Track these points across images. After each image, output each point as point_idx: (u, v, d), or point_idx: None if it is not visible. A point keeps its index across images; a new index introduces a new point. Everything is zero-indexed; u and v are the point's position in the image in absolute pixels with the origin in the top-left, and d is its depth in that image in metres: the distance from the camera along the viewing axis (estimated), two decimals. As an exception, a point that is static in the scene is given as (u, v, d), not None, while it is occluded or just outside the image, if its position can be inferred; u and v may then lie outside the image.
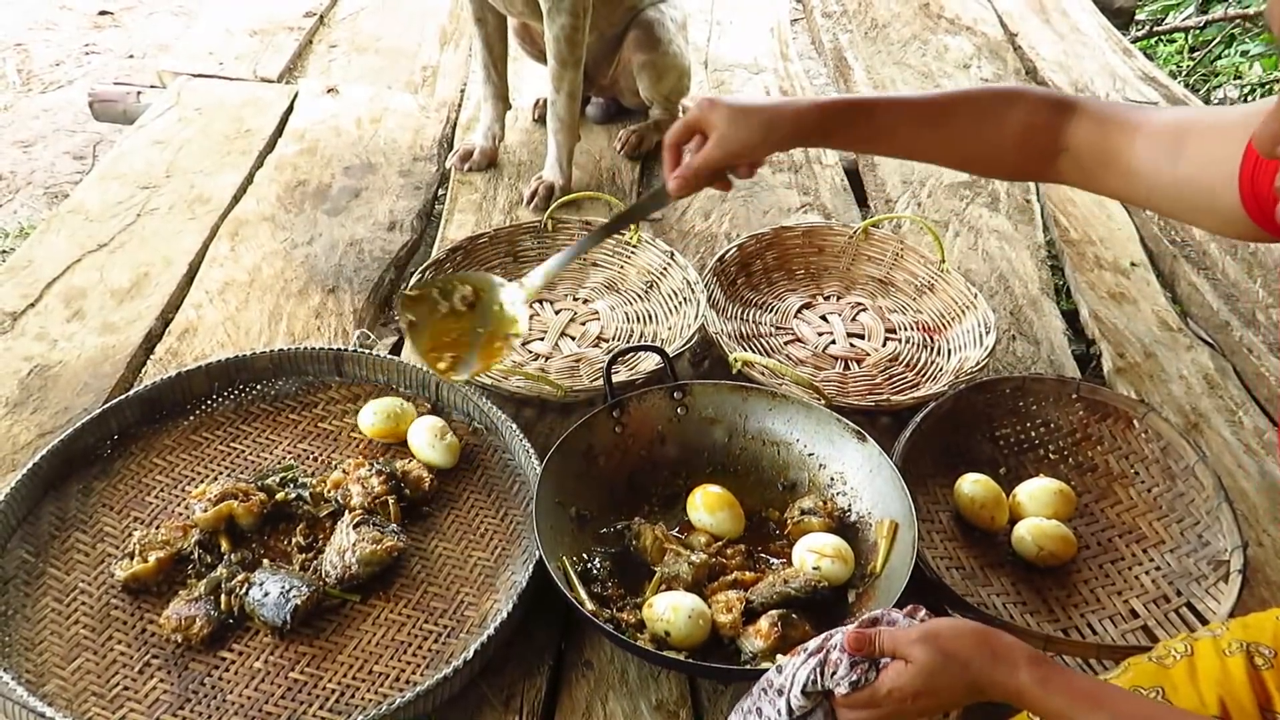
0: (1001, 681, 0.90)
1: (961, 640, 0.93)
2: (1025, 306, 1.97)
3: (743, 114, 1.14)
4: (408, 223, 2.09)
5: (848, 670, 0.95)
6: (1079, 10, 3.38)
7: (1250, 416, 1.75)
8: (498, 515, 1.44)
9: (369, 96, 2.53)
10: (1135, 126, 1.07)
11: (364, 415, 1.52)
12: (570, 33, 2.01)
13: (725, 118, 1.14)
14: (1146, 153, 1.05)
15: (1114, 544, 1.47)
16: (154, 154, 2.25)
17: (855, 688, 0.94)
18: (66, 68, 3.66)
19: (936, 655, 0.92)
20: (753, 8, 3.25)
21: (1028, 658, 0.90)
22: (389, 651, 1.25)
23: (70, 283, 1.86)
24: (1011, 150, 1.15)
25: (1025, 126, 1.13)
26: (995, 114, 1.15)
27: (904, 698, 0.92)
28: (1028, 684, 0.89)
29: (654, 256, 1.90)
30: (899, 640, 0.94)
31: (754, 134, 1.14)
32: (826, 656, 0.97)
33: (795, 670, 0.98)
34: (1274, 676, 0.96)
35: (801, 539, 1.35)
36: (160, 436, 1.50)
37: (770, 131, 1.14)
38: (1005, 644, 0.92)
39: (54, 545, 1.34)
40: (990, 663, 0.91)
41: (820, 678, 0.96)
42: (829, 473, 1.46)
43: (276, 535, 1.37)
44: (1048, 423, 1.60)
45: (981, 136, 1.16)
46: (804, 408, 1.49)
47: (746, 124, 1.14)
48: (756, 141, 1.15)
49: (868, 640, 0.95)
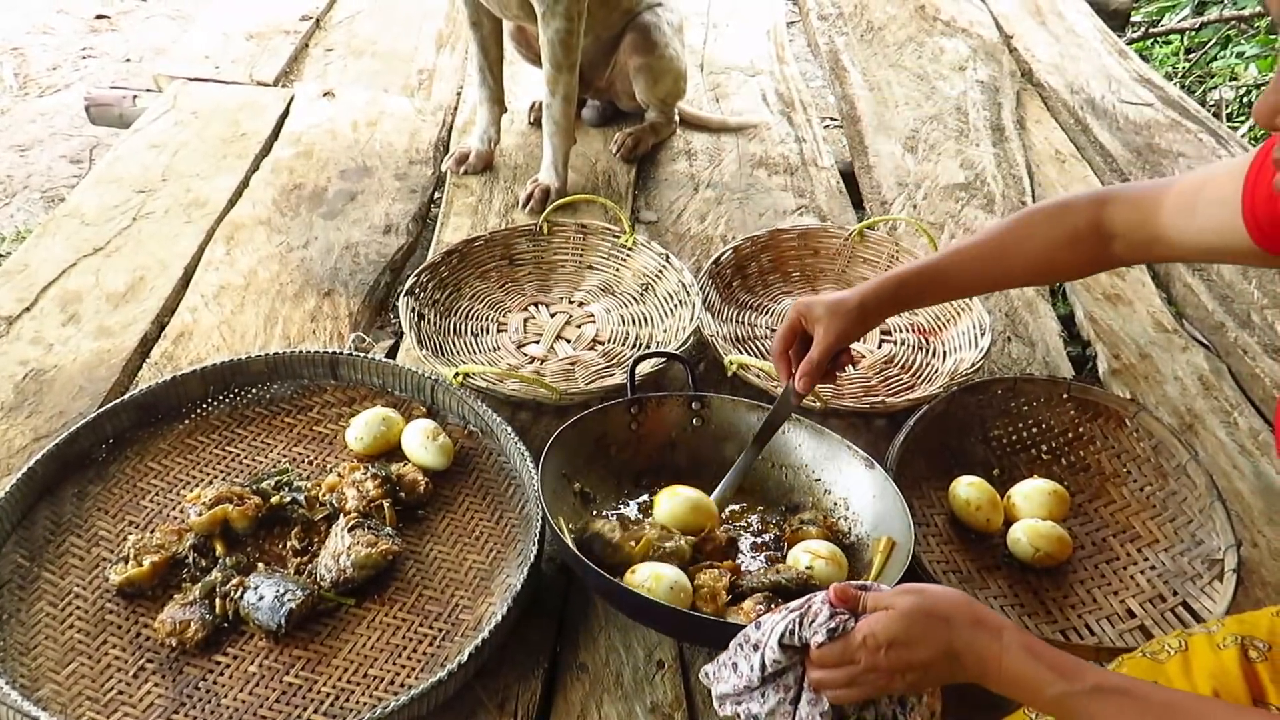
0: (982, 646, 0.90)
1: (947, 597, 0.94)
2: (1021, 308, 1.97)
3: (839, 305, 1.28)
4: (403, 226, 2.09)
5: (827, 619, 0.93)
6: (1075, 12, 3.38)
7: (1245, 417, 1.75)
8: (493, 518, 1.44)
9: (365, 100, 2.53)
10: (1158, 198, 1.16)
11: (350, 434, 1.50)
12: (565, 36, 2.02)
13: (826, 311, 1.28)
14: (1170, 219, 1.15)
15: (1109, 544, 1.47)
16: (150, 158, 2.25)
17: (832, 635, 0.93)
18: (63, 71, 3.66)
19: (919, 604, 0.92)
20: (749, 10, 3.26)
21: (1011, 626, 0.91)
22: (384, 655, 1.24)
23: (66, 287, 1.86)
24: (1067, 255, 1.25)
25: (1071, 232, 1.23)
26: (1043, 232, 1.25)
27: (878, 646, 0.91)
28: (1011, 648, 0.89)
29: (650, 259, 1.90)
30: (882, 595, 0.95)
31: (853, 317, 1.28)
32: (808, 608, 0.95)
33: (774, 624, 0.96)
34: (1268, 669, 0.96)
35: (799, 544, 1.35)
36: (155, 440, 1.50)
37: (864, 314, 1.28)
38: (990, 612, 0.93)
39: (49, 549, 1.33)
40: (972, 625, 0.91)
41: (798, 628, 0.94)
42: (834, 497, 1.46)
43: (271, 539, 1.37)
44: (1040, 423, 1.60)
45: (1037, 256, 1.26)
46: (815, 433, 1.49)
47: (845, 312, 1.28)
48: (856, 324, 1.28)
49: (853, 595, 0.95)
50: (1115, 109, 2.76)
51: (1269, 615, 1.03)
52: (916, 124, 2.63)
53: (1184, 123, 2.69)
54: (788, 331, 1.32)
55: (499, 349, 1.74)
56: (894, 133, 2.58)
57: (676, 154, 2.43)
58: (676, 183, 2.32)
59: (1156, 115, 2.73)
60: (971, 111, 2.69)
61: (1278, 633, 1.00)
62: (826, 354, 1.29)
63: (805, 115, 2.65)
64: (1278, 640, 0.99)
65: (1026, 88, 2.90)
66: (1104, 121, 2.69)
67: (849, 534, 1.41)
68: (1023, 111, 2.76)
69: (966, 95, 2.78)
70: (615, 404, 1.47)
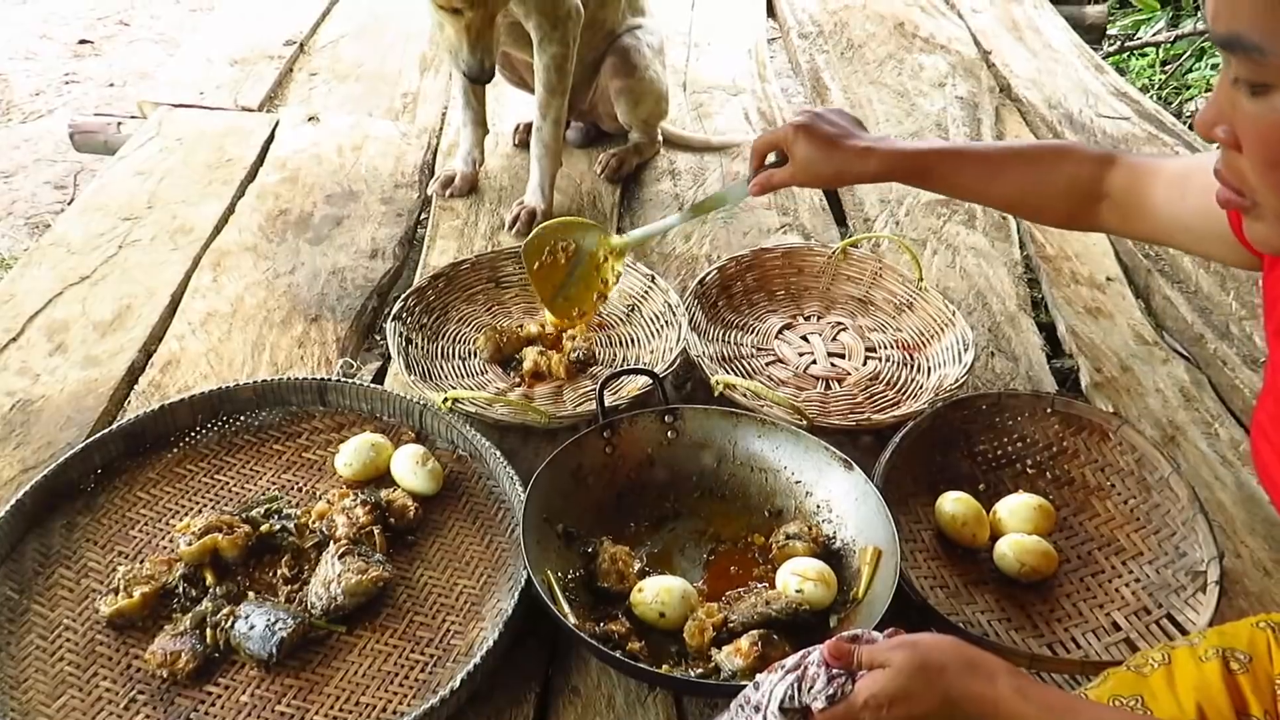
0: (978, 691, 0.91)
1: (939, 647, 0.95)
2: (1003, 323, 1.99)
3: (824, 150, 1.29)
4: (390, 250, 2.10)
5: (825, 684, 0.95)
6: (1051, 28, 3.43)
7: (1226, 428, 1.77)
8: (483, 543, 1.44)
9: (350, 124, 2.54)
10: (1157, 170, 1.18)
11: (339, 461, 1.50)
12: (561, 61, 2.04)
13: (806, 148, 1.30)
14: (1164, 192, 1.16)
15: (1094, 557, 1.48)
16: (135, 185, 2.25)
17: (832, 701, 0.94)
18: (47, 97, 3.66)
19: (914, 658, 0.93)
20: (730, 29, 3.28)
21: (1005, 669, 0.92)
22: (376, 682, 1.25)
23: (52, 316, 1.86)
24: (1059, 198, 1.27)
25: (1071, 177, 1.25)
26: (1046, 165, 1.27)
27: (879, 704, 0.92)
28: (1005, 693, 0.90)
29: (635, 280, 1.91)
30: (877, 650, 0.96)
31: (828, 169, 1.30)
32: (804, 672, 0.97)
33: (773, 686, 0.98)
34: (1249, 681, 0.97)
35: (786, 563, 1.36)
36: (144, 470, 1.50)
37: (844, 172, 1.30)
38: (983, 656, 0.94)
39: (38, 582, 1.33)
40: (967, 671, 0.92)
41: (798, 693, 0.96)
42: (815, 500, 1.47)
43: (262, 567, 1.37)
44: (1024, 438, 1.61)
45: (1033, 184, 1.29)
46: (792, 435, 1.50)
47: (825, 160, 1.29)
48: (829, 176, 1.31)
49: (847, 651, 0.96)
50: (1093, 123, 2.79)
51: (1249, 626, 1.04)
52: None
53: (1160, 135, 2.73)
54: (768, 142, 1.39)
55: (486, 372, 1.75)
56: (875, 150, 2.60)
57: (660, 174, 2.44)
58: (661, 203, 2.33)
59: (1133, 128, 2.77)
60: (951, 127, 2.72)
61: (1258, 644, 1.01)
62: (781, 182, 1.37)
63: (788, 133, 2.67)
64: (1258, 651, 1.00)
65: (1005, 103, 2.94)
66: (1082, 135, 2.73)
67: (834, 538, 1.43)
68: (1002, 126, 2.79)
69: (946, 111, 2.81)
70: (589, 432, 1.48)
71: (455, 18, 1.78)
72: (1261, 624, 1.03)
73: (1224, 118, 0.77)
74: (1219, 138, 0.78)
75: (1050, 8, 3.61)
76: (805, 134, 1.32)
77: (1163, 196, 1.16)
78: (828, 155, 1.31)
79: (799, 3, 3.51)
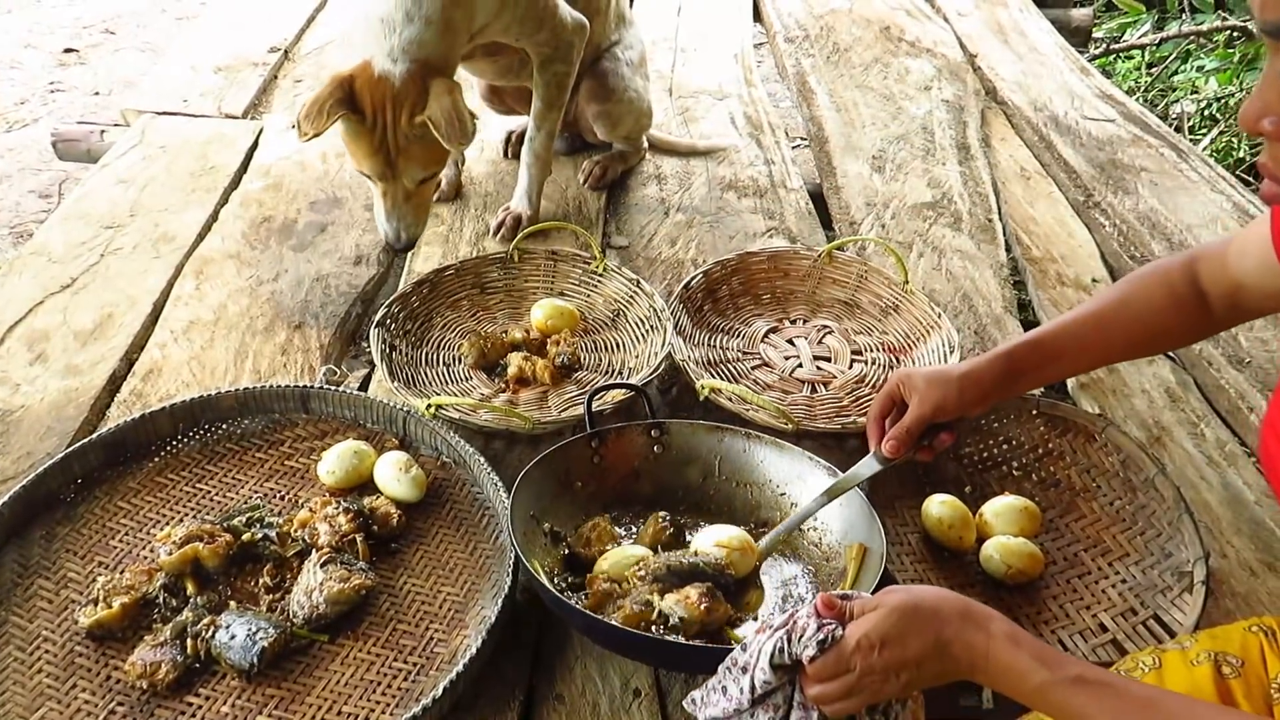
0: (970, 635, 0.91)
1: (933, 592, 0.95)
2: (989, 325, 1.99)
3: (938, 376, 1.27)
4: (374, 256, 2.09)
5: (815, 631, 0.94)
6: (1037, 31, 3.44)
7: (1211, 429, 1.77)
8: (467, 550, 1.43)
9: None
10: (1230, 241, 1.17)
11: (322, 468, 1.49)
12: (563, 79, 2.04)
13: (924, 381, 1.26)
14: (1236, 260, 1.16)
15: (1080, 558, 1.48)
16: (118, 193, 2.24)
17: (822, 647, 0.93)
18: (31, 106, 3.65)
19: (907, 599, 0.93)
20: (717, 34, 3.29)
21: (998, 616, 0.92)
22: (358, 691, 1.24)
23: (33, 325, 1.84)
24: (1173, 320, 1.24)
25: (1170, 294, 1.22)
26: (1143, 297, 1.24)
27: (871, 645, 0.91)
28: (997, 637, 0.90)
29: (620, 285, 1.91)
30: (868, 599, 0.95)
31: (950, 392, 1.25)
32: (793, 625, 0.96)
33: (761, 645, 0.97)
34: (1241, 686, 0.97)
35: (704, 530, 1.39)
36: (124, 479, 1.49)
37: (964, 390, 1.26)
38: (975, 604, 0.94)
39: (16, 593, 1.32)
40: (960, 616, 0.92)
41: (787, 645, 0.95)
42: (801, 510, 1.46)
43: (244, 576, 1.36)
44: (1010, 440, 1.61)
45: (1142, 324, 1.25)
46: (778, 449, 1.49)
47: (943, 385, 1.26)
48: (953, 399, 1.26)
49: (839, 604, 0.96)
50: (1078, 125, 2.80)
51: (1240, 630, 1.04)
52: (883, 144, 2.66)
53: (1145, 138, 2.74)
54: (884, 399, 1.32)
55: (471, 379, 1.74)
56: (861, 153, 2.61)
57: (647, 179, 2.44)
58: (647, 207, 2.33)
59: (1119, 131, 2.78)
60: (937, 131, 2.73)
61: (1250, 648, 1.00)
62: (919, 422, 1.27)
63: (774, 137, 2.67)
64: (1250, 656, 0.99)
65: (991, 106, 2.94)
66: (1068, 138, 2.73)
67: (820, 544, 1.42)
68: (988, 130, 2.79)
69: (932, 115, 2.81)
70: (576, 439, 1.47)
71: (379, 184, 1.76)
72: (1254, 628, 1.03)
73: (1270, 109, 0.75)
74: (1265, 130, 0.76)
75: (1036, 11, 3.63)
76: (913, 374, 1.29)
77: (1236, 265, 1.15)
78: (944, 381, 1.26)
79: (785, 7, 3.51)
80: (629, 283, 1.89)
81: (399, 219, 1.77)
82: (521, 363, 1.71)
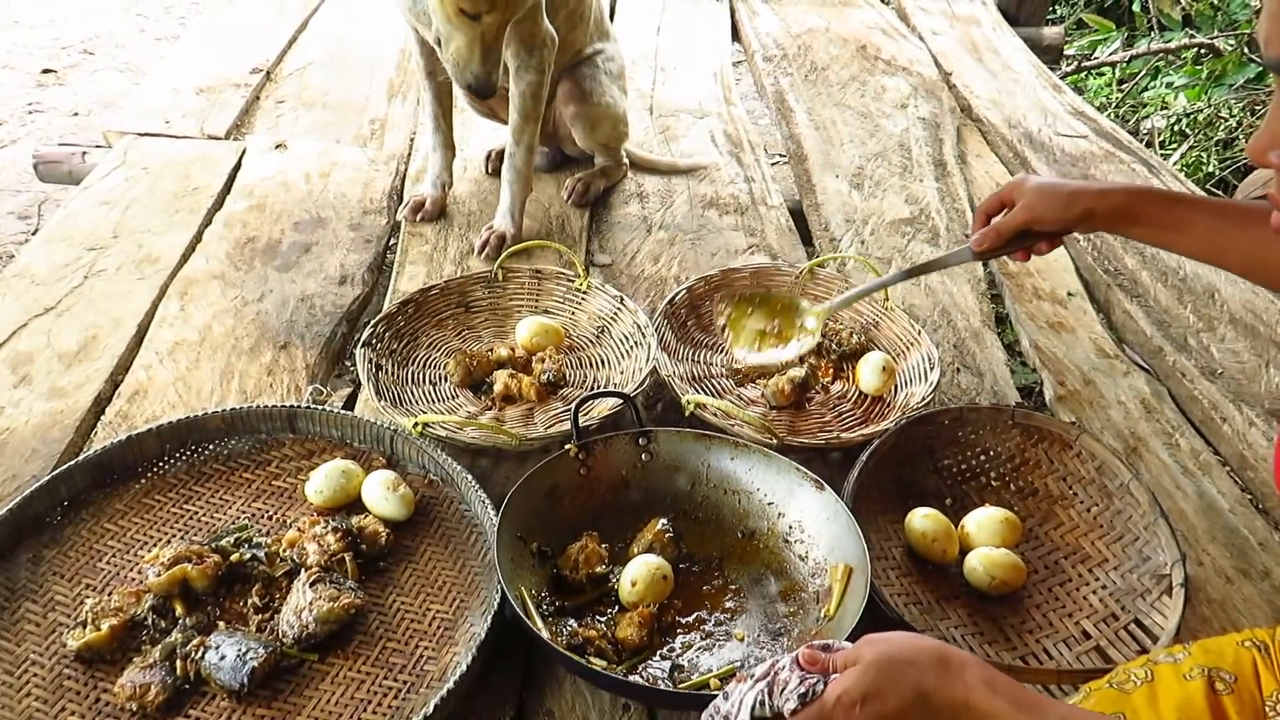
0: (948, 687, 0.91)
1: (910, 641, 0.96)
2: (968, 339, 2.02)
3: (1051, 187, 1.28)
4: (359, 276, 2.10)
5: (797, 684, 0.95)
6: (1010, 49, 3.50)
7: (1186, 438, 1.80)
8: (455, 567, 1.44)
9: (317, 151, 2.54)
10: None
11: (310, 488, 1.50)
12: (536, 89, 2.06)
13: (1034, 189, 1.29)
14: None
15: (1060, 566, 1.50)
16: (101, 214, 2.24)
17: (804, 700, 0.94)
18: (10, 127, 3.64)
19: (885, 652, 0.94)
20: (696, 53, 3.33)
21: (974, 662, 0.93)
22: (349, 710, 1.24)
23: (16, 348, 1.84)
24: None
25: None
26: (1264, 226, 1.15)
27: (851, 702, 0.92)
28: (975, 686, 0.90)
29: (604, 302, 1.92)
30: (848, 653, 0.96)
31: (1057, 204, 1.26)
32: (775, 677, 0.97)
33: (743, 695, 0.98)
34: (1234, 702, 0.96)
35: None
36: (111, 501, 1.49)
37: (1072, 205, 1.26)
38: (951, 650, 0.94)
39: (4, 616, 1.31)
40: (936, 666, 0.92)
41: (769, 699, 0.96)
42: (788, 521, 1.48)
43: (232, 597, 1.36)
44: (987, 450, 1.64)
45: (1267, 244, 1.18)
46: (764, 457, 1.52)
47: (1053, 195, 1.27)
48: (1059, 212, 1.26)
49: (820, 657, 0.97)
50: (1052, 141, 2.85)
51: (1233, 644, 1.03)
52: (862, 161, 2.70)
53: (1117, 153, 2.79)
54: (995, 198, 1.38)
55: (457, 397, 1.75)
56: (840, 170, 2.64)
57: (629, 197, 2.46)
58: (629, 225, 2.35)
59: (1091, 147, 2.83)
60: (914, 147, 2.77)
61: (1243, 663, 1.00)
62: (1011, 224, 1.32)
63: (754, 155, 2.70)
64: (1243, 672, 0.99)
65: (966, 123, 2.99)
66: (1041, 154, 2.78)
67: (806, 558, 1.44)
68: (963, 146, 2.84)
69: (909, 132, 2.85)
70: (564, 453, 1.49)
71: (470, 27, 1.76)
72: (1247, 642, 1.02)
73: (1278, 142, 0.77)
74: (1273, 163, 0.78)
75: (1009, 30, 3.69)
76: (1028, 179, 1.32)
77: None
78: (1054, 191, 1.28)
79: (763, 26, 3.56)
80: (613, 300, 1.91)
81: (492, 61, 1.80)
82: (507, 380, 1.73)
